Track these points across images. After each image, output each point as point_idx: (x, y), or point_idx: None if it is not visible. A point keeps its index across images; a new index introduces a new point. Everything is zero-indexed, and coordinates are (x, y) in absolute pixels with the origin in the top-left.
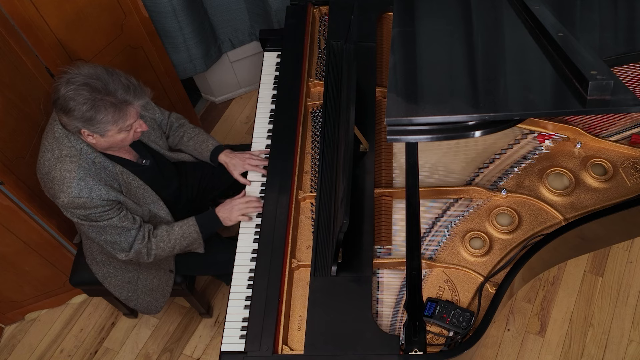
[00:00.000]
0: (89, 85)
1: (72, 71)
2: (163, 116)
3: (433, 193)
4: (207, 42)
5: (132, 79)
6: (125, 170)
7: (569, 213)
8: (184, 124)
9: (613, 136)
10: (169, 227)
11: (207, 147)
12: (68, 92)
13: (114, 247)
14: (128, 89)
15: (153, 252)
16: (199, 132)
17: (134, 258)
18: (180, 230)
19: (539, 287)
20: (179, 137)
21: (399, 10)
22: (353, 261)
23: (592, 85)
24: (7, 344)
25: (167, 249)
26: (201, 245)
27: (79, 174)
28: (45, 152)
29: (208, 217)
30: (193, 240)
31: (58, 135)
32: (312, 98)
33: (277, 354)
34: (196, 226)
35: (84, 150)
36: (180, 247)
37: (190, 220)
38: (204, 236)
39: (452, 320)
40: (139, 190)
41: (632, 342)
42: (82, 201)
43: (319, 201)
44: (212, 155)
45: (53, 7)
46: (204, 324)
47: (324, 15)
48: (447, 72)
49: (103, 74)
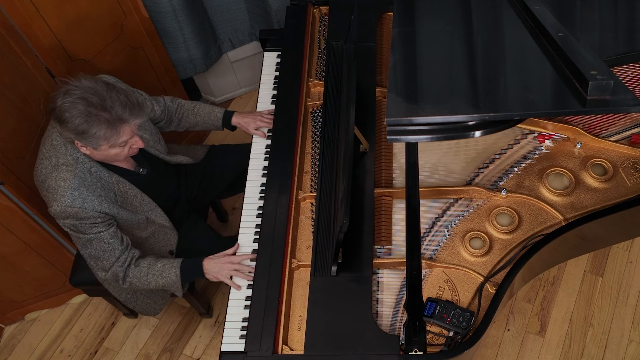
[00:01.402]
0: (86, 100)
1: (72, 83)
2: (161, 105)
3: (433, 193)
4: (207, 42)
5: (132, 98)
6: (121, 180)
7: (569, 213)
8: (180, 103)
9: (613, 136)
10: (153, 260)
11: (215, 117)
12: (64, 104)
13: (96, 263)
14: (125, 107)
15: (128, 279)
16: (198, 105)
17: (110, 279)
18: (162, 267)
19: (539, 287)
20: (179, 118)
21: (399, 10)
22: (353, 261)
23: (592, 85)
24: (7, 344)
25: (142, 282)
26: (179, 289)
27: (74, 184)
28: (42, 159)
29: (193, 264)
30: (171, 282)
31: (56, 143)
32: (312, 98)
33: (277, 354)
34: (178, 269)
35: (80, 160)
36: (156, 284)
37: (175, 262)
38: (183, 282)
39: (452, 320)
40: (135, 199)
41: (632, 342)
42: (74, 211)
43: (319, 201)
44: (224, 122)
45: (53, 8)
46: (204, 324)
47: (324, 15)
48: (447, 72)
49: (102, 90)
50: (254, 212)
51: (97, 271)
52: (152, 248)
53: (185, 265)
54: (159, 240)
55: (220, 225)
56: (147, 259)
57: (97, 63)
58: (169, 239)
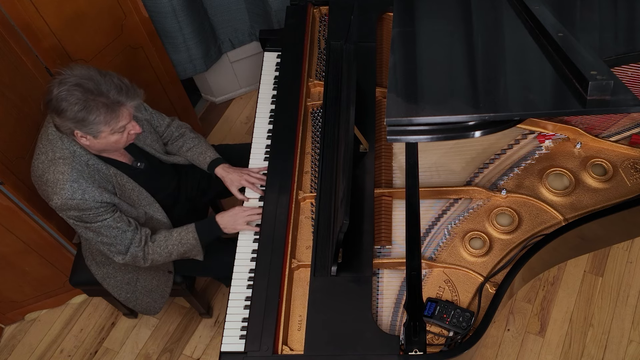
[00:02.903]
0: (81, 86)
1: (65, 72)
2: (164, 124)
3: (433, 193)
4: (207, 42)
5: (124, 80)
6: (119, 173)
7: (569, 213)
8: (185, 133)
9: (613, 136)
10: (168, 232)
11: (204, 159)
12: (60, 93)
13: (110, 249)
14: (121, 90)
15: (149, 256)
16: (199, 143)
17: (131, 262)
18: (179, 236)
19: (539, 287)
20: (178, 146)
21: (399, 10)
22: (353, 261)
23: (592, 85)
24: (7, 344)
25: (164, 254)
26: (200, 252)
27: (72, 176)
28: (39, 154)
29: (208, 224)
30: (191, 247)
31: (52, 137)
32: (312, 98)
33: (277, 354)
34: (195, 232)
35: (77, 153)
36: (178, 254)
37: (190, 227)
38: (203, 243)
39: (452, 320)
40: (133, 192)
41: (632, 342)
42: (75, 203)
43: (319, 201)
44: (209, 168)
45: (53, 7)
46: (204, 324)
47: (324, 16)
48: (447, 72)
49: (95, 75)
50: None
51: (114, 256)
52: None
53: (201, 226)
54: None
55: None
56: (162, 233)
57: (97, 63)
58: None
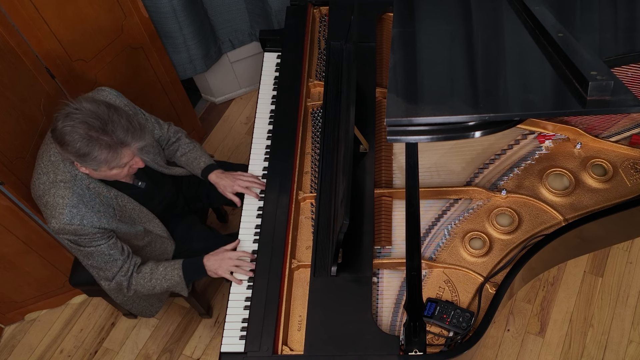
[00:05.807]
0: (87, 124)
1: (73, 105)
2: (162, 131)
3: (433, 193)
4: (207, 42)
5: (134, 121)
6: (120, 194)
7: (569, 213)
8: (180, 137)
9: (613, 137)
10: (155, 265)
11: (198, 165)
12: (65, 127)
13: (99, 273)
14: (127, 131)
15: (133, 287)
16: (193, 148)
17: (115, 288)
18: (164, 270)
19: (539, 287)
20: (173, 151)
21: (399, 11)
22: (353, 261)
23: (592, 85)
24: (7, 344)
25: (147, 287)
26: (184, 289)
27: (72, 201)
28: (40, 174)
29: (195, 263)
30: (175, 283)
31: (54, 159)
32: (312, 98)
33: (277, 354)
34: (180, 270)
35: (78, 176)
36: (161, 288)
37: (177, 263)
38: (187, 282)
39: (452, 320)
40: (134, 211)
41: (632, 342)
42: (73, 228)
43: (319, 201)
44: (202, 173)
45: (53, 8)
46: (203, 325)
47: (324, 16)
48: (447, 73)
49: (103, 113)
50: (254, 212)
51: (100, 281)
52: (148, 256)
53: (187, 265)
54: (155, 249)
55: (220, 226)
56: (148, 265)
57: (97, 63)
58: (165, 248)
